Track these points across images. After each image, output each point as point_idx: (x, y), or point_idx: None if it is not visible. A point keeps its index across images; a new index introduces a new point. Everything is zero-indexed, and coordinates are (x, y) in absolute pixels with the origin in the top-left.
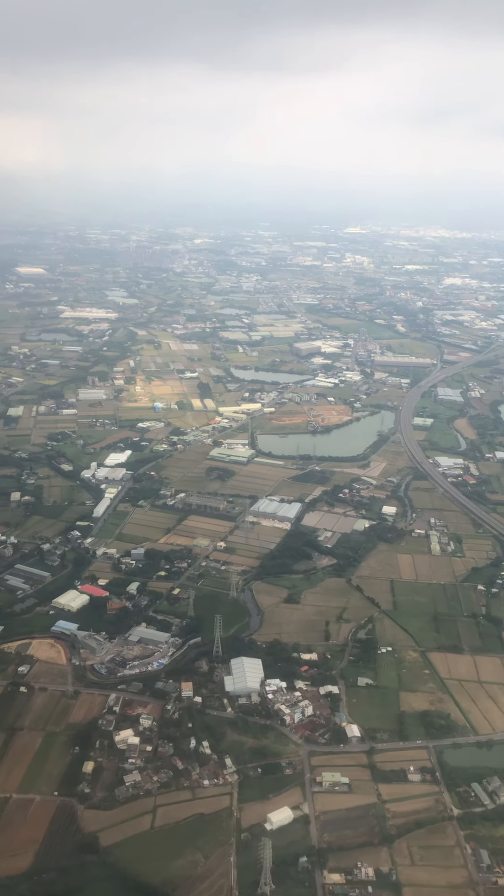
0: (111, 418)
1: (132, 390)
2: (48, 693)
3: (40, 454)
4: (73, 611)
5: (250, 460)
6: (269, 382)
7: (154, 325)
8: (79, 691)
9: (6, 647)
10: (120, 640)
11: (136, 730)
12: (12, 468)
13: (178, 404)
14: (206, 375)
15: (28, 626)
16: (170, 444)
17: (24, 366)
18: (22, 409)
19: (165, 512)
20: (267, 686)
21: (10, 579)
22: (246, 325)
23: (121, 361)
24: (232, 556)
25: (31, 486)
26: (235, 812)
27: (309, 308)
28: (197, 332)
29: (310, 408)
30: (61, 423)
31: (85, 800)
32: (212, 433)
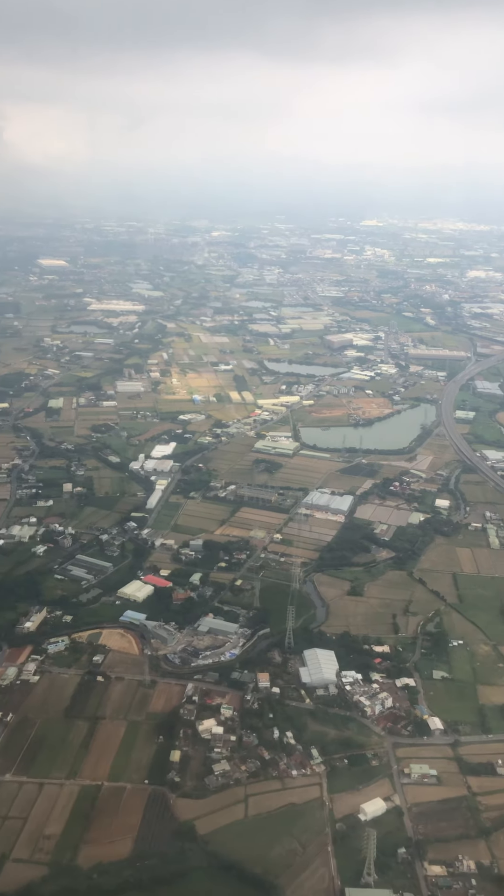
0: (151, 410)
1: (169, 382)
2: (125, 682)
3: (86, 446)
4: (139, 601)
5: (296, 453)
6: (304, 375)
7: (182, 318)
8: (155, 681)
9: (77, 637)
10: (189, 630)
11: (217, 720)
12: (60, 459)
13: (216, 397)
14: (241, 368)
15: (96, 615)
16: (213, 437)
17: (59, 358)
18: (62, 401)
19: (217, 504)
20: (343, 678)
21: (73, 569)
22: (274, 318)
23: (154, 354)
24: (290, 548)
25: (82, 478)
26: (327, 802)
27: (335, 301)
28: (225, 325)
29: (349, 400)
30: (102, 415)
31: (176, 788)
32: (254, 425)
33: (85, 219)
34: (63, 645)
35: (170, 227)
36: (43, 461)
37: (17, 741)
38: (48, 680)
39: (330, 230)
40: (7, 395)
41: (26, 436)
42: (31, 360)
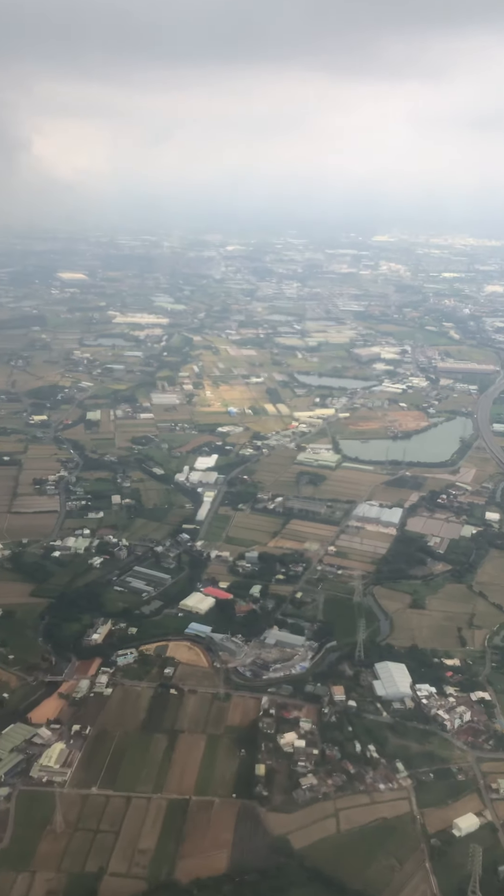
0: (188, 423)
1: (202, 395)
2: (199, 695)
3: (129, 458)
4: (202, 613)
5: (339, 465)
6: (336, 388)
7: (207, 331)
8: (229, 694)
9: (145, 649)
10: (256, 642)
11: (298, 733)
12: (105, 471)
13: (251, 409)
14: (272, 380)
15: (161, 628)
16: (254, 449)
17: (90, 370)
18: (100, 413)
19: (266, 516)
20: (418, 691)
21: (132, 581)
22: (298, 332)
23: (184, 366)
24: (345, 561)
25: (128, 490)
26: (418, 817)
27: (356, 315)
28: (251, 338)
29: (384, 413)
30: (141, 427)
31: (265, 802)
32: (293, 438)
33: (99, 233)
34: (132, 657)
35: (184, 241)
36: (88, 473)
37: (99, 754)
38: (121, 692)
39: (343, 245)
40: (45, 407)
41: (68, 448)
42: (63, 373)
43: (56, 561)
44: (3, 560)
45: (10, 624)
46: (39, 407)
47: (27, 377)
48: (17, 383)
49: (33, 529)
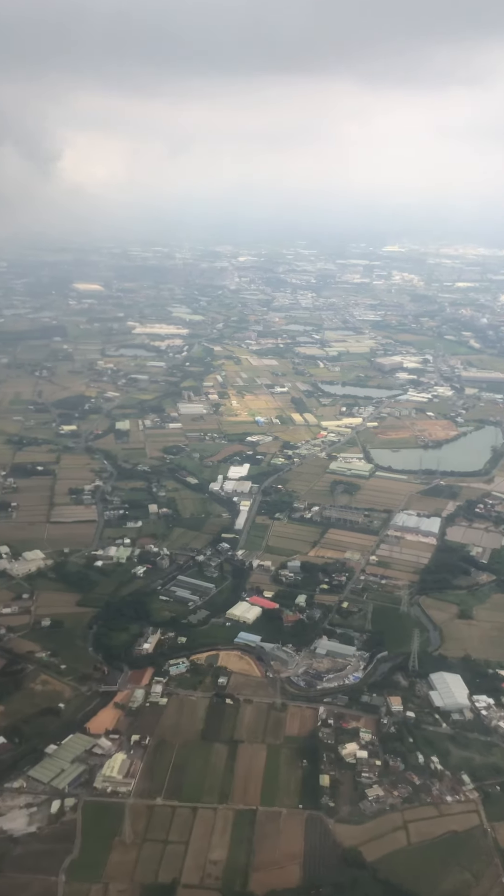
0: (217, 432)
1: (228, 405)
2: (254, 705)
3: (161, 467)
4: (249, 623)
5: (372, 474)
6: (361, 397)
7: (227, 341)
8: (285, 704)
9: (196, 659)
10: (306, 652)
11: (359, 743)
12: (139, 481)
13: (278, 418)
14: (296, 390)
15: (209, 637)
16: (286, 458)
17: (115, 381)
18: (128, 423)
19: (304, 525)
20: (476, 702)
21: (177, 590)
22: (317, 341)
23: (207, 376)
24: (388, 571)
25: (164, 499)
26: (489, 830)
27: (373, 325)
28: (271, 348)
29: (412, 422)
30: (170, 437)
31: (332, 813)
32: (323, 447)
33: (111, 244)
34: (184, 667)
35: (195, 252)
36: (123, 483)
37: (160, 765)
38: (177, 702)
39: (353, 255)
40: (73, 417)
41: (101, 458)
42: (88, 383)
43: (99, 570)
44: (46, 570)
45: (58, 634)
46: (68, 417)
47: (53, 388)
48: (44, 394)
49: (73, 539)
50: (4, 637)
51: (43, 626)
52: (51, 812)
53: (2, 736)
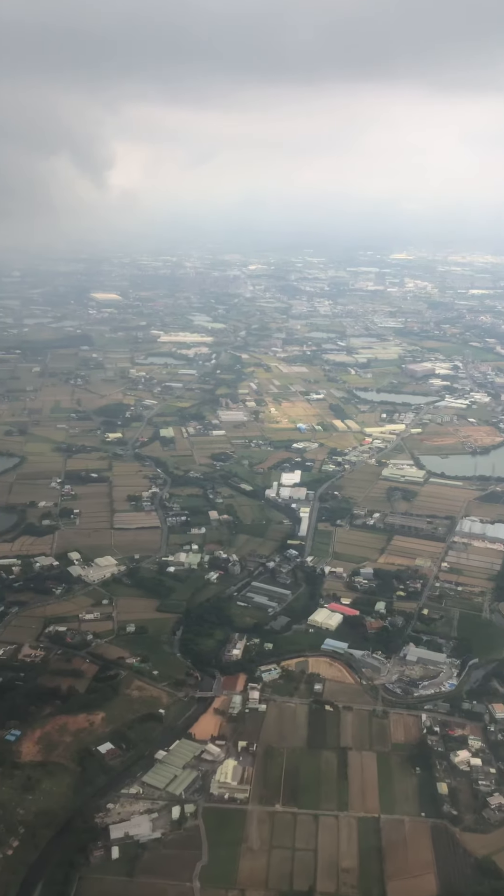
0: (261, 439)
1: (267, 412)
2: (355, 712)
3: (212, 474)
4: (332, 629)
5: (426, 481)
6: (399, 404)
7: (252, 349)
8: (386, 711)
9: (286, 665)
10: (396, 659)
11: (470, 751)
12: (193, 487)
13: (320, 425)
14: (332, 397)
15: (294, 644)
16: (335, 465)
17: (150, 388)
18: (172, 430)
19: (367, 532)
20: None
21: (254, 597)
22: (343, 348)
23: (241, 384)
24: (461, 577)
25: (222, 506)
26: None
27: (396, 332)
28: (298, 356)
29: (455, 428)
30: (215, 444)
31: (456, 822)
32: (371, 453)
33: (118, 254)
34: (276, 673)
35: (204, 261)
36: (178, 489)
37: (272, 771)
38: (275, 709)
39: (362, 263)
40: (116, 425)
41: (151, 465)
42: (124, 391)
43: (173, 576)
44: (120, 576)
45: (144, 640)
46: (111, 425)
47: (90, 396)
48: (83, 402)
49: (140, 545)
50: (92, 643)
51: (128, 632)
52: (172, 818)
53: (109, 742)
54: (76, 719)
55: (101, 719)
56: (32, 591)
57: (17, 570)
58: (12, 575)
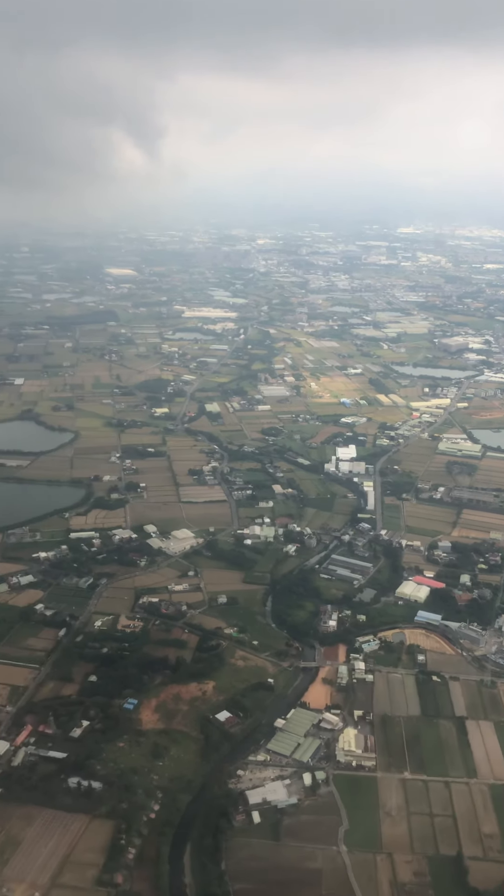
0: (307, 414)
1: (308, 386)
2: (462, 682)
3: (267, 448)
4: (420, 601)
5: (483, 454)
6: (439, 378)
7: (279, 324)
8: (494, 681)
9: (383, 636)
10: (492, 630)
11: None
12: (251, 462)
13: (364, 400)
14: (369, 372)
15: (386, 615)
16: (389, 439)
17: (186, 364)
18: (217, 406)
19: (434, 506)
20: None
21: (336, 570)
22: (369, 323)
23: (275, 359)
24: None
25: (283, 479)
26: None
27: (419, 306)
28: (326, 330)
29: (500, 402)
30: (262, 418)
31: None
32: (422, 428)
33: (123, 228)
34: (375, 644)
35: (211, 236)
36: (236, 463)
37: (392, 739)
38: (383, 679)
39: (370, 237)
40: (160, 400)
41: (204, 439)
42: (160, 367)
43: (251, 549)
44: (200, 548)
45: (237, 611)
46: (155, 400)
47: (128, 371)
48: (122, 377)
49: (211, 518)
50: (187, 613)
51: (220, 603)
52: (305, 784)
53: (226, 710)
54: (188, 688)
55: (211, 688)
56: (117, 563)
57: (97, 543)
58: (93, 547)
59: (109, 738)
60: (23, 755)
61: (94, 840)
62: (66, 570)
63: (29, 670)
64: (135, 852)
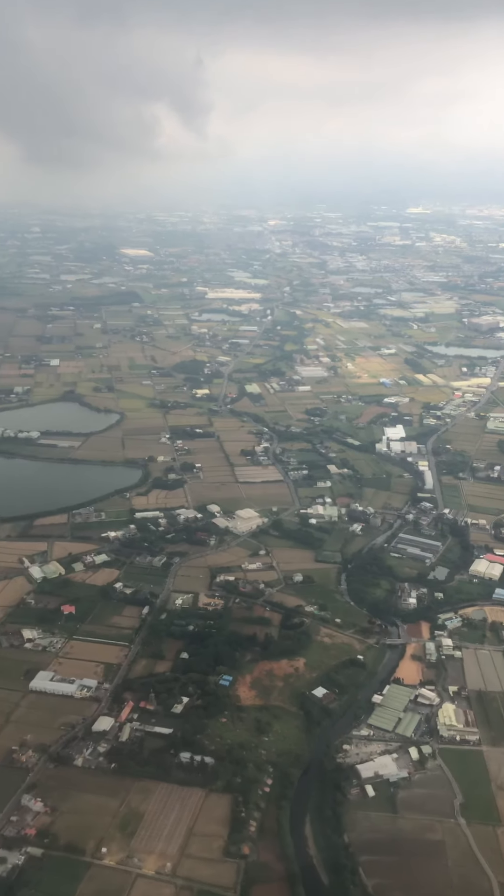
0: (348, 394)
1: (344, 367)
2: None
3: (313, 429)
4: (496, 579)
5: None
6: (475, 358)
7: (304, 305)
8: None
9: (464, 613)
10: None
11: None
12: (300, 442)
13: (403, 380)
14: (403, 352)
15: (462, 593)
16: (435, 419)
17: (218, 345)
18: (257, 387)
19: (493, 484)
20: None
21: (406, 548)
22: (395, 303)
23: (306, 340)
24: None
25: (336, 460)
26: None
27: (441, 286)
28: (352, 311)
29: None
30: (304, 399)
31: None
32: (467, 407)
33: (132, 209)
34: (458, 621)
35: (220, 216)
36: (286, 444)
37: (493, 715)
38: (471, 655)
39: (379, 218)
40: (199, 381)
41: (249, 420)
42: (193, 348)
43: (317, 528)
44: (266, 527)
45: (314, 589)
46: (194, 381)
47: (161, 352)
48: (157, 358)
49: (272, 498)
50: (265, 592)
51: (296, 582)
52: (412, 759)
53: (321, 687)
54: (279, 665)
55: (303, 665)
56: (186, 542)
57: (163, 523)
58: (160, 527)
59: (211, 713)
60: (129, 731)
61: (214, 813)
62: (137, 549)
63: (119, 647)
64: (255, 825)
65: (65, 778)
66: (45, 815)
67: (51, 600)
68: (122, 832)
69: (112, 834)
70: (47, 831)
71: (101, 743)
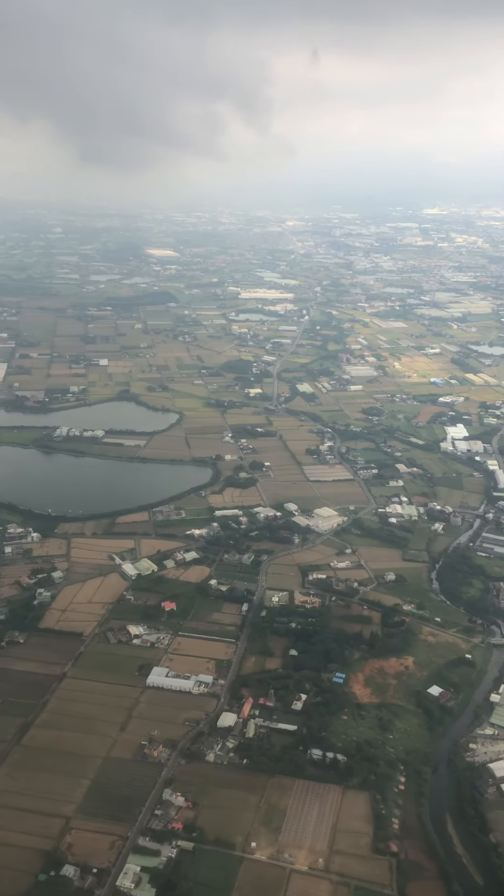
0: (401, 394)
1: (392, 367)
2: None
3: (373, 428)
4: None
5: None
6: None
7: (339, 305)
8: None
9: None
10: None
11: None
12: (363, 441)
13: (454, 379)
14: (447, 352)
15: None
16: (496, 418)
17: (261, 345)
18: (309, 386)
19: None
20: None
21: (493, 548)
22: (429, 303)
23: (348, 339)
24: None
25: (402, 459)
26: None
27: (472, 286)
28: (389, 311)
29: None
30: (358, 398)
31: None
32: None
33: (147, 209)
34: None
35: (237, 217)
36: (349, 443)
37: None
38: None
39: (395, 219)
40: (249, 380)
41: (307, 419)
42: (237, 347)
43: (399, 527)
44: (347, 526)
45: (407, 588)
46: (245, 381)
47: (207, 352)
48: (203, 358)
49: (346, 497)
50: (360, 590)
51: (388, 581)
52: None
53: (436, 685)
54: (389, 663)
55: (412, 663)
56: (269, 541)
57: (244, 521)
58: (242, 525)
59: (332, 710)
60: (253, 727)
61: (355, 810)
62: (224, 547)
63: (225, 644)
64: (398, 822)
65: (200, 773)
66: (187, 809)
67: (149, 597)
68: (266, 827)
69: (258, 829)
70: (193, 825)
71: (228, 739)
